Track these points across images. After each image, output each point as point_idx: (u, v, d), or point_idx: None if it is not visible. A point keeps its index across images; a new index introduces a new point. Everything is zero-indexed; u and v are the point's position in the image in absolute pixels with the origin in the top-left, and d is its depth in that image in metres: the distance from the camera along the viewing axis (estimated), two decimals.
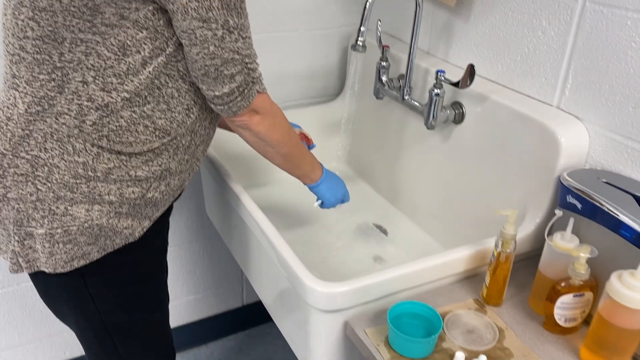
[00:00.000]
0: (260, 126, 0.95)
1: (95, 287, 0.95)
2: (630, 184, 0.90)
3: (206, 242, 1.74)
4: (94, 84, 0.82)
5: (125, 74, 0.83)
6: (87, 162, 0.85)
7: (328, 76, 1.62)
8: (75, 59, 0.81)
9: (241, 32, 0.84)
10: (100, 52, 0.81)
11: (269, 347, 1.93)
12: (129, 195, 0.89)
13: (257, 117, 0.94)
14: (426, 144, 1.30)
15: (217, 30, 0.81)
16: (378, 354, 0.83)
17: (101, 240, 0.90)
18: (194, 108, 0.92)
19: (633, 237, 0.81)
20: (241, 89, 0.88)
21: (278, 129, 0.98)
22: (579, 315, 0.87)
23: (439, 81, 1.13)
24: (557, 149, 0.97)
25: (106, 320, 0.98)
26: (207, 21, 0.79)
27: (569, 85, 1.01)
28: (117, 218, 0.90)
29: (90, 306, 0.96)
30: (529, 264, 1.04)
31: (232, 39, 0.82)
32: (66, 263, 0.89)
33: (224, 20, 0.80)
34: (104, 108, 0.83)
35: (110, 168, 0.87)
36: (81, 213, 0.87)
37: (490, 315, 0.91)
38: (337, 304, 0.88)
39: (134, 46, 0.82)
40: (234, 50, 0.83)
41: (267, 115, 0.95)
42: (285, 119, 1.00)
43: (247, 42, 0.86)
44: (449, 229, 1.27)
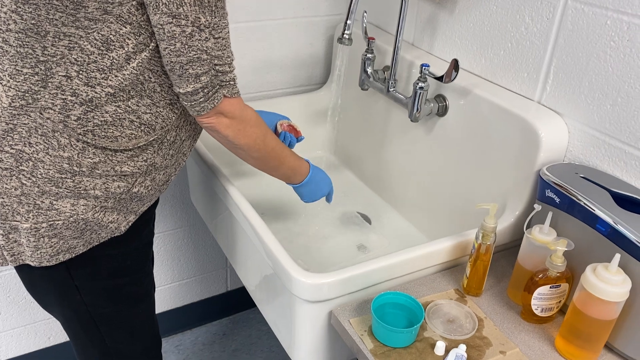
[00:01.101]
0: (228, 130, 0.93)
1: (81, 279, 0.95)
2: (607, 180, 0.92)
3: (190, 229, 1.75)
4: (77, 78, 0.81)
5: (109, 69, 0.82)
6: (72, 156, 0.85)
7: (314, 65, 1.62)
8: (59, 53, 0.80)
9: (213, 32, 0.81)
10: (84, 46, 0.80)
11: (253, 332, 1.95)
12: (115, 190, 0.89)
13: (224, 120, 0.91)
14: (410, 135, 1.32)
15: (186, 27, 0.79)
16: (362, 344, 0.85)
17: (87, 234, 0.90)
18: (177, 103, 0.91)
19: (607, 232, 0.84)
20: (206, 91, 0.86)
21: (248, 134, 0.96)
22: (555, 306, 0.90)
23: (423, 75, 1.15)
24: (537, 143, 1.00)
25: (92, 312, 0.99)
26: (177, 17, 0.77)
27: (550, 81, 1.04)
28: (102, 212, 0.90)
29: (76, 298, 0.97)
30: (508, 255, 1.07)
31: (201, 37, 0.80)
32: (51, 257, 0.89)
33: (195, 17, 0.78)
34: (88, 103, 0.83)
35: (96, 163, 0.86)
36: (66, 207, 0.87)
37: (470, 305, 0.94)
38: (322, 295, 0.90)
39: (118, 41, 0.81)
40: (201, 49, 0.81)
41: (236, 121, 0.93)
42: (259, 125, 0.97)
43: (220, 43, 0.83)
44: (431, 219, 1.30)
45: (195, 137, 1.01)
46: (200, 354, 1.86)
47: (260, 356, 1.86)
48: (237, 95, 0.91)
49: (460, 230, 1.02)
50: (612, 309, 0.80)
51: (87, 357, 1.07)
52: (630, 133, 0.92)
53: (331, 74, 1.59)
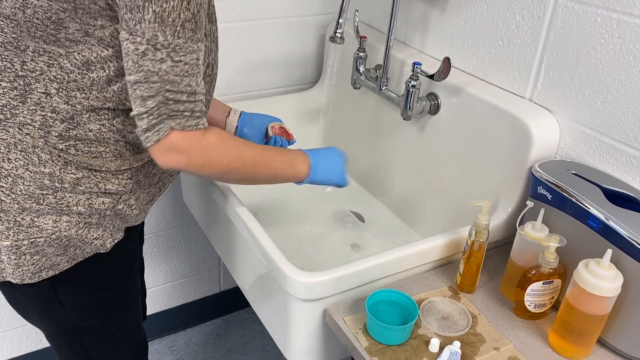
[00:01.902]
0: (191, 167, 0.82)
1: (65, 295, 0.92)
2: (598, 176, 0.93)
3: (183, 230, 1.74)
4: (57, 96, 0.79)
5: (89, 89, 0.79)
6: (53, 172, 0.82)
7: (305, 64, 1.62)
8: (38, 69, 0.78)
9: (173, 54, 0.73)
10: (63, 64, 0.77)
11: (247, 332, 1.95)
12: (99, 206, 0.86)
13: (180, 157, 0.80)
14: (402, 134, 1.33)
15: (140, 45, 0.72)
16: (356, 342, 0.85)
17: (71, 250, 0.87)
18: None
19: (599, 228, 0.85)
20: (150, 118, 0.76)
21: (217, 163, 0.85)
22: (548, 302, 0.91)
23: (415, 73, 1.15)
24: (529, 140, 1.00)
25: (77, 325, 0.96)
26: (134, 33, 0.72)
27: (541, 79, 1.04)
28: (86, 229, 0.87)
29: (60, 313, 0.94)
30: (501, 252, 1.07)
31: (155, 57, 0.73)
32: (34, 274, 0.87)
33: (152, 35, 0.71)
34: (70, 120, 0.80)
35: (79, 179, 0.83)
36: (48, 224, 0.84)
37: (464, 302, 0.95)
38: (316, 293, 0.90)
39: (99, 63, 0.78)
40: (153, 70, 0.73)
41: (195, 155, 0.81)
42: (227, 146, 0.85)
43: (180, 68, 0.74)
44: (424, 216, 1.30)
45: None
46: (193, 355, 1.85)
47: (254, 356, 1.86)
48: (191, 128, 0.79)
49: (454, 227, 1.03)
50: (604, 304, 0.81)
51: None
52: (620, 130, 0.93)
53: (323, 73, 1.59)
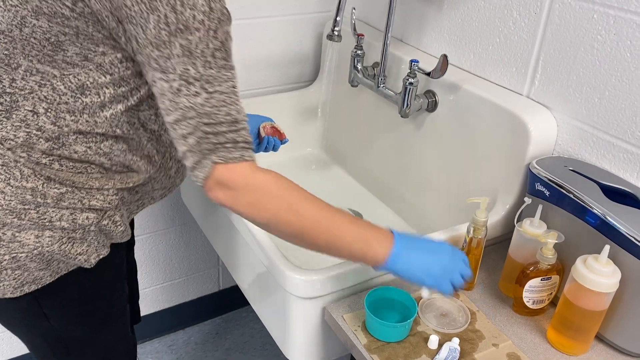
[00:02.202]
0: (238, 205, 0.75)
1: (50, 308, 0.90)
2: (595, 172, 0.93)
3: (182, 229, 1.74)
4: (45, 116, 0.77)
5: (80, 113, 0.77)
6: (36, 187, 0.79)
7: (303, 62, 1.62)
8: (28, 88, 0.76)
9: (207, 86, 0.70)
10: (56, 86, 0.75)
11: (246, 331, 1.95)
12: (83, 222, 0.83)
13: (229, 193, 0.74)
14: (400, 131, 1.33)
15: (174, 82, 0.69)
16: (355, 339, 0.86)
17: (54, 265, 0.85)
18: (155, 157, 0.86)
19: (597, 224, 0.85)
20: (194, 155, 0.73)
21: (267, 208, 0.75)
22: (546, 298, 0.91)
23: (412, 71, 1.15)
24: (526, 137, 1.00)
25: (63, 336, 0.94)
26: (166, 71, 0.69)
27: (538, 76, 1.04)
28: (70, 244, 0.84)
29: (45, 324, 0.91)
30: (499, 248, 1.08)
31: (189, 92, 0.69)
32: (15, 289, 0.84)
33: (183, 70, 0.69)
34: (55, 140, 0.78)
35: (62, 193, 0.81)
36: (30, 240, 0.81)
37: (463, 299, 0.95)
38: (315, 291, 0.90)
39: (94, 88, 0.76)
40: (188, 106, 0.70)
41: (242, 192, 0.74)
42: (283, 193, 0.76)
43: (216, 99, 0.71)
44: (422, 214, 1.30)
45: (171, 189, 0.97)
46: (193, 353, 1.85)
47: (254, 354, 1.86)
48: (236, 160, 0.73)
49: (452, 224, 1.03)
50: (602, 300, 0.81)
51: None
52: (618, 126, 0.93)
53: (321, 71, 1.59)
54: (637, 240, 0.79)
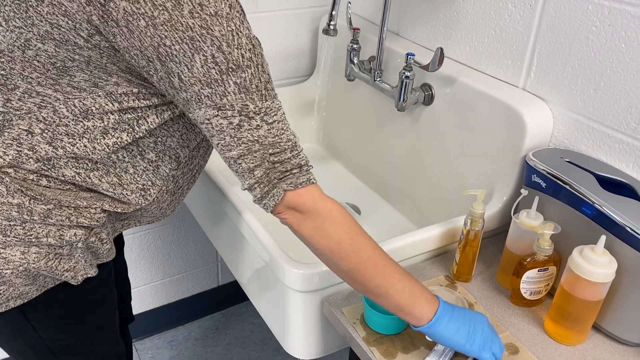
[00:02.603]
0: (302, 227, 0.77)
1: (37, 319, 0.88)
2: (591, 163, 0.94)
3: (180, 224, 1.74)
4: (40, 136, 0.75)
5: (80, 136, 0.75)
6: (22, 204, 0.77)
7: (299, 57, 1.62)
8: (25, 108, 0.73)
9: (266, 117, 0.71)
10: (58, 108, 0.73)
11: (246, 326, 1.96)
12: (70, 238, 0.81)
13: (297, 215, 0.77)
14: (397, 125, 1.33)
15: (234, 118, 0.70)
16: (354, 332, 0.86)
17: (40, 280, 0.83)
18: (151, 189, 0.85)
19: (593, 214, 0.85)
20: (262, 186, 0.75)
21: (329, 235, 0.76)
22: (543, 289, 0.92)
23: (409, 64, 1.15)
24: (522, 129, 1.01)
25: (51, 345, 0.93)
26: (222, 108, 0.69)
27: (534, 68, 1.05)
28: (57, 260, 0.82)
29: (32, 335, 0.90)
30: (497, 240, 1.08)
31: (251, 126, 0.71)
32: (1, 304, 0.83)
33: (242, 106, 0.69)
34: (46, 161, 0.76)
35: (50, 210, 0.79)
36: (15, 256, 0.79)
37: (461, 291, 0.95)
38: (314, 285, 0.90)
39: (99, 114, 0.74)
40: (252, 140, 0.71)
41: (309, 216, 0.76)
42: (346, 223, 0.77)
43: (276, 128, 0.72)
44: (420, 207, 1.31)
45: (160, 218, 0.95)
46: (193, 349, 1.86)
47: (254, 349, 1.87)
48: (304, 184, 0.76)
49: (450, 217, 1.03)
50: (599, 290, 0.81)
51: None
52: (613, 117, 0.93)
53: (317, 65, 1.59)
54: (633, 231, 0.80)
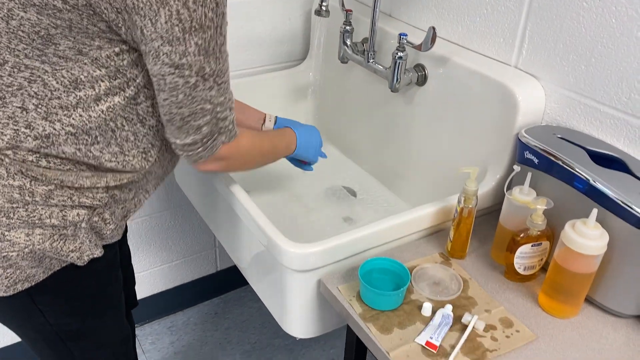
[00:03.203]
0: (228, 169, 0.93)
1: (44, 303, 0.89)
2: (583, 139, 0.95)
3: (177, 211, 1.75)
4: (35, 112, 0.75)
5: (74, 107, 0.75)
6: (23, 185, 0.78)
7: (292, 40, 1.62)
8: (16, 84, 0.73)
9: (217, 79, 0.76)
10: (48, 81, 0.73)
11: (245, 310, 1.98)
12: (73, 218, 0.82)
13: (222, 163, 0.88)
14: (391, 106, 1.33)
15: (190, 78, 0.73)
16: (351, 309, 0.87)
17: (46, 262, 0.84)
18: (151, 151, 0.86)
19: (585, 188, 0.86)
20: (205, 140, 0.81)
21: (248, 162, 0.97)
22: (537, 264, 0.93)
23: (401, 44, 1.15)
24: (515, 107, 1.01)
25: (58, 330, 0.94)
26: (180, 67, 0.72)
27: (525, 45, 1.05)
28: (62, 241, 0.82)
29: (40, 320, 0.91)
30: (491, 218, 1.09)
31: (205, 87, 0.75)
32: (8, 287, 0.83)
33: (199, 67, 0.73)
34: (44, 139, 0.76)
35: (51, 191, 0.79)
36: (20, 238, 0.80)
37: (455, 268, 0.96)
38: (310, 264, 0.91)
39: (89, 82, 0.75)
40: (205, 99, 0.76)
41: (233, 159, 0.90)
42: (254, 145, 0.95)
43: (223, 88, 0.78)
44: (415, 188, 1.31)
45: (163, 177, 0.97)
46: (193, 334, 1.88)
47: (253, 332, 1.89)
48: (234, 137, 0.86)
49: (443, 196, 1.04)
50: (591, 263, 0.83)
51: None
52: (604, 92, 0.94)
53: (310, 48, 1.59)
54: (624, 203, 0.81)
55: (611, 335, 0.85)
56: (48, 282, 0.86)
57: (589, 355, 0.81)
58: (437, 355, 0.79)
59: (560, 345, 0.83)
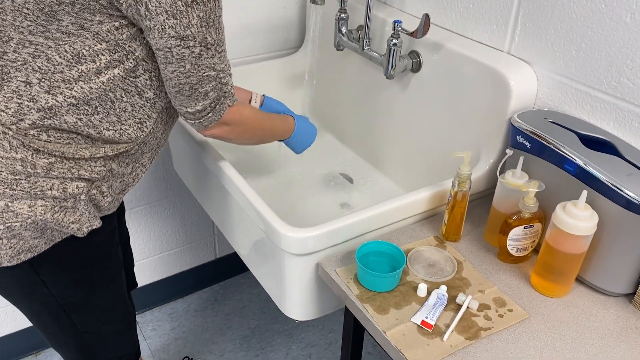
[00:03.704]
0: (232, 134, 0.99)
1: (47, 274, 0.93)
2: (574, 123, 0.97)
3: (175, 199, 1.77)
4: (38, 85, 0.79)
5: (75, 80, 0.80)
6: (25, 158, 0.81)
7: (288, 28, 1.63)
8: (20, 60, 0.77)
9: (217, 47, 0.83)
10: (51, 56, 0.78)
11: (245, 296, 2.00)
12: (73, 190, 0.86)
13: (227, 128, 0.96)
14: (386, 93, 1.35)
15: (195, 48, 0.80)
16: (348, 290, 0.90)
17: (48, 233, 0.88)
18: (147, 122, 0.90)
19: (576, 171, 0.88)
20: (213, 105, 0.89)
21: (249, 131, 1.02)
22: (529, 245, 0.95)
23: (396, 31, 1.17)
24: (508, 93, 1.03)
25: (61, 301, 0.97)
26: (185, 39, 0.78)
27: (518, 31, 1.07)
28: (62, 212, 0.86)
29: (43, 291, 0.95)
30: (484, 202, 1.11)
31: (208, 55, 0.82)
32: (12, 257, 0.87)
33: (202, 38, 0.79)
34: (47, 110, 0.80)
35: (52, 163, 0.83)
36: (23, 209, 0.83)
37: (450, 250, 0.99)
38: (308, 248, 0.93)
39: (90, 56, 0.79)
40: (209, 66, 0.83)
41: (237, 125, 0.98)
42: (256, 119, 1.04)
43: (223, 56, 0.85)
44: (410, 174, 1.34)
45: (157, 150, 1.00)
46: (193, 320, 1.90)
47: (252, 318, 1.92)
48: (235, 101, 0.95)
49: (438, 181, 1.06)
50: (581, 243, 0.85)
51: (60, 343, 1.07)
52: (594, 77, 0.96)
53: (306, 36, 1.60)
54: (614, 186, 0.83)
55: (601, 313, 0.87)
56: (50, 253, 0.90)
57: (579, 333, 0.84)
58: (432, 334, 0.82)
59: (551, 323, 0.85)
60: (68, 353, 1.09)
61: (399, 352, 0.79)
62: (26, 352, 1.75)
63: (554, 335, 0.83)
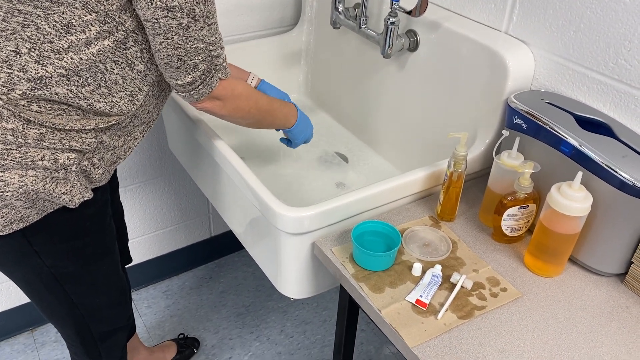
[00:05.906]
0: (223, 110, 0.97)
1: (39, 244, 0.94)
2: (570, 104, 0.97)
3: (170, 177, 1.76)
4: (28, 55, 0.78)
5: (65, 51, 0.79)
6: (16, 128, 0.81)
7: (284, 5, 1.61)
8: (10, 29, 0.77)
9: (207, 20, 0.83)
10: (40, 25, 0.77)
11: (239, 274, 2.02)
12: (64, 161, 0.86)
13: (218, 102, 0.95)
14: (383, 72, 1.34)
15: (182, 19, 0.80)
16: (344, 269, 0.90)
17: (39, 203, 0.88)
18: (138, 95, 0.90)
19: (571, 152, 0.89)
20: (203, 77, 0.89)
21: (242, 108, 1.01)
22: (524, 225, 0.96)
23: (393, 10, 1.16)
24: (505, 73, 1.03)
25: (55, 272, 0.98)
26: (172, 10, 0.78)
27: (516, 11, 1.06)
28: (54, 183, 0.87)
29: (37, 261, 0.95)
30: (479, 183, 1.12)
31: (197, 27, 0.82)
32: (4, 227, 0.87)
33: (190, 9, 0.79)
34: (37, 81, 0.80)
35: (43, 134, 0.83)
36: (14, 179, 0.84)
37: (444, 230, 0.99)
38: (304, 227, 0.94)
39: (79, 26, 0.78)
40: (198, 38, 0.83)
41: (229, 100, 0.97)
42: (250, 96, 1.02)
43: (213, 28, 0.85)
44: (406, 154, 1.34)
45: (149, 124, 1.00)
46: (188, 298, 1.92)
47: (247, 295, 1.93)
48: (228, 75, 0.93)
49: (434, 161, 1.06)
50: (575, 224, 0.86)
51: (54, 314, 1.08)
52: (592, 58, 0.96)
53: (302, 14, 1.59)
54: (609, 167, 0.83)
55: (593, 293, 0.89)
56: (42, 223, 0.91)
57: (571, 312, 0.85)
58: (426, 312, 0.83)
59: (544, 302, 0.86)
60: (63, 324, 1.10)
61: (393, 330, 0.80)
62: (22, 328, 1.76)
63: (547, 314, 0.84)
